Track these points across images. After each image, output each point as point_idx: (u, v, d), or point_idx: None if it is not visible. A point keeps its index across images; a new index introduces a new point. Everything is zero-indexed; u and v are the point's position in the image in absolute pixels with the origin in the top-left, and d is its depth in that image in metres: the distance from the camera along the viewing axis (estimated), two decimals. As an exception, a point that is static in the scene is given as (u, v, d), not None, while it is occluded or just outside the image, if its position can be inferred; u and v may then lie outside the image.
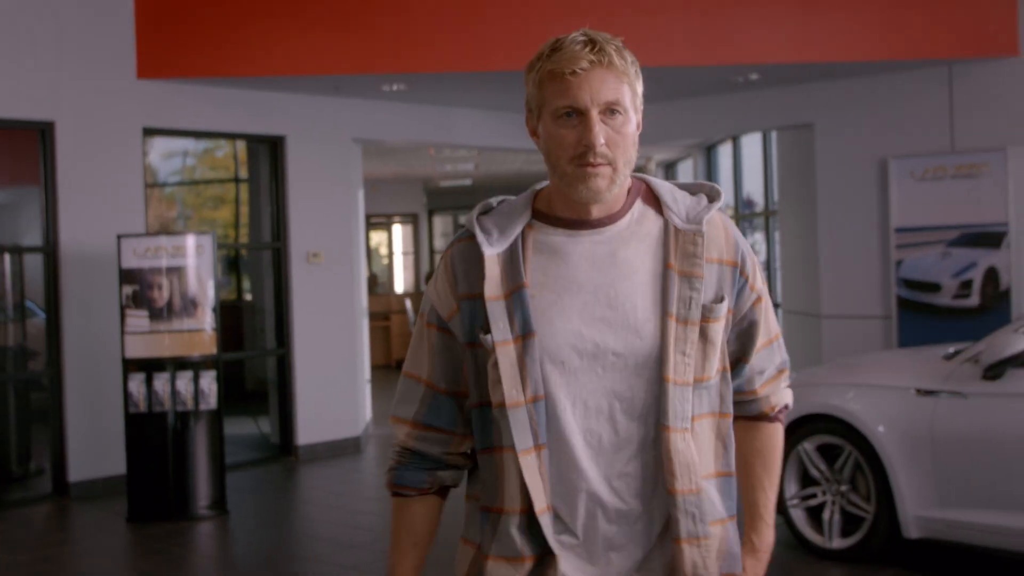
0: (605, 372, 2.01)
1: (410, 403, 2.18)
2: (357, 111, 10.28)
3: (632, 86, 2.00)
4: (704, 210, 2.09)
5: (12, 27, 8.21)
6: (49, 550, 7.31)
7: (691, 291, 2.03)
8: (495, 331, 2.01)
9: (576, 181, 1.99)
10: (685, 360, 2.01)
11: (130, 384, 7.69)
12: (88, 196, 8.61)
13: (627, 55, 2.01)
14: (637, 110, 2.04)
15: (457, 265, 2.11)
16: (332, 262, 10.16)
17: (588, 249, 2.06)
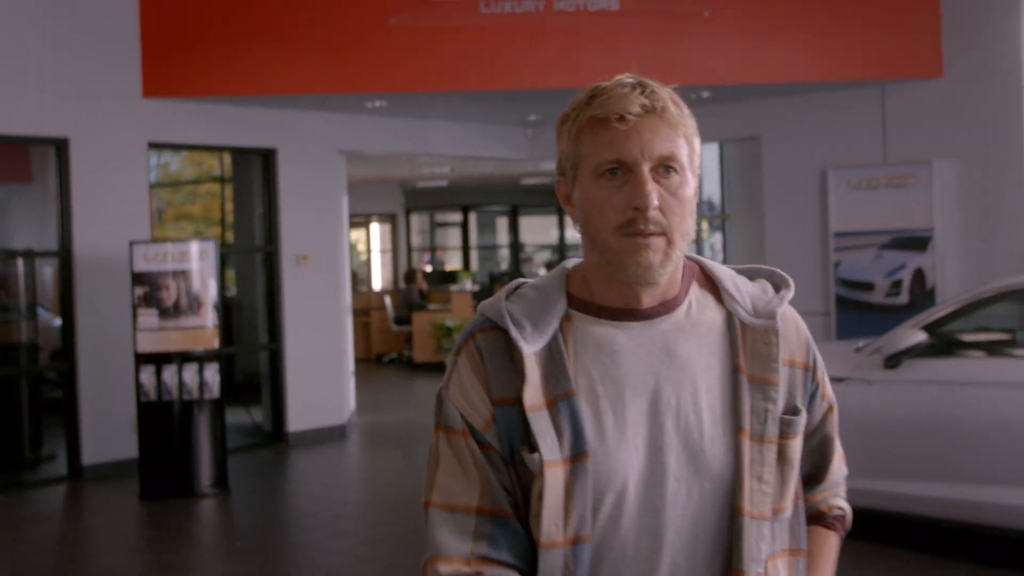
0: (664, 503, 1.63)
1: (460, 537, 1.64)
2: (342, 125, 11.16)
3: (690, 142, 1.66)
4: (776, 301, 1.74)
5: (31, 52, 9.04)
6: (71, 523, 8.22)
7: (766, 401, 1.68)
8: (544, 448, 1.61)
9: (623, 256, 1.62)
10: (762, 487, 1.66)
11: (141, 375, 8.56)
12: (98, 205, 9.46)
13: (683, 106, 1.67)
14: (695, 172, 1.67)
15: (487, 361, 1.68)
16: (319, 264, 11.05)
17: (642, 345, 1.68)
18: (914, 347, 6.37)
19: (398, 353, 18.39)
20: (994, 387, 6.08)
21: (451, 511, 1.66)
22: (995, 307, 6.67)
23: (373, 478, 10.02)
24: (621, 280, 1.66)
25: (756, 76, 10.11)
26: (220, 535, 7.98)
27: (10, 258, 10.30)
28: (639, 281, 1.64)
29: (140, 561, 7.25)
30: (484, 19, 9.60)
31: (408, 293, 18.27)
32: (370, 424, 11.99)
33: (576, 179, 1.68)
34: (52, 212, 9.51)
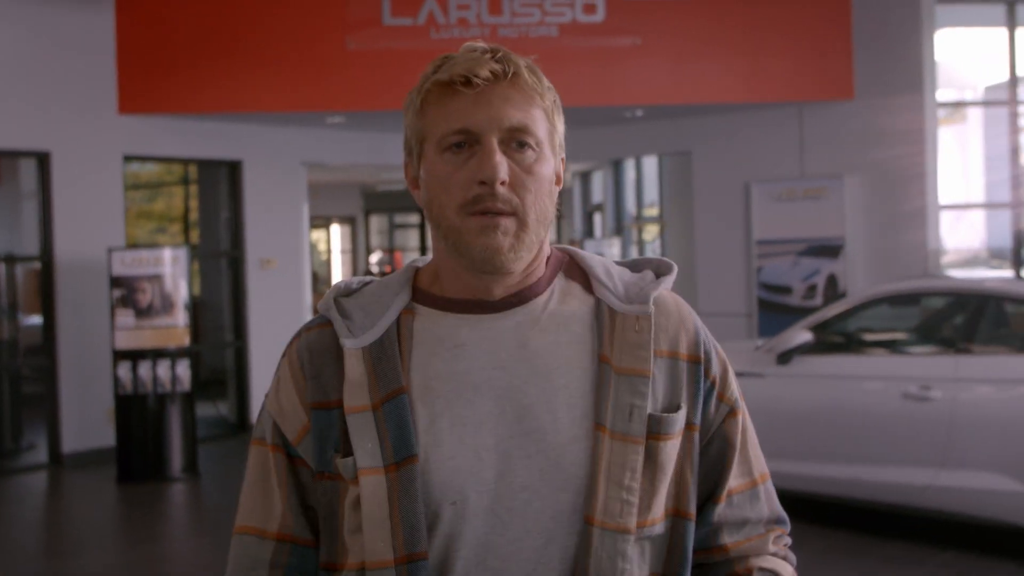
0: (512, 516, 1.44)
1: (254, 570, 1.53)
2: (304, 138, 12.01)
3: (550, 117, 1.52)
4: (652, 285, 1.55)
5: (15, 72, 9.81)
6: (54, 504, 9.07)
7: (633, 395, 1.47)
8: (359, 454, 1.45)
9: (468, 237, 1.45)
10: (623, 495, 1.45)
11: (119, 370, 9.38)
12: (77, 213, 10.25)
13: (542, 77, 1.53)
14: (555, 151, 1.53)
15: (307, 362, 1.53)
16: (282, 266, 11.89)
17: (490, 339, 1.50)
18: (801, 345, 7.31)
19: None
20: (865, 380, 7.05)
21: (251, 535, 1.54)
22: (874, 310, 7.64)
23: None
24: (467, 267, 1.48)
25: (685, 97, 11.04)
26: (190, 514, 8.83)
27: (-8, 262, 11.08)
28: (486, 267, 1.46)
29: (119, 536, 8.10)
30: (434, 43, 10.47)
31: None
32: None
33: (422, 156, 1.51)
34: (21, 215, 10.26)
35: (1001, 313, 7.12)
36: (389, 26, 10.46)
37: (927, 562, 6.47)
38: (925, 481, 6.59)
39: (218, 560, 7.19)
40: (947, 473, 6.53)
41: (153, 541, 7.86)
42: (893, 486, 6.77)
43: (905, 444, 6.73)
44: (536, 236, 1.48)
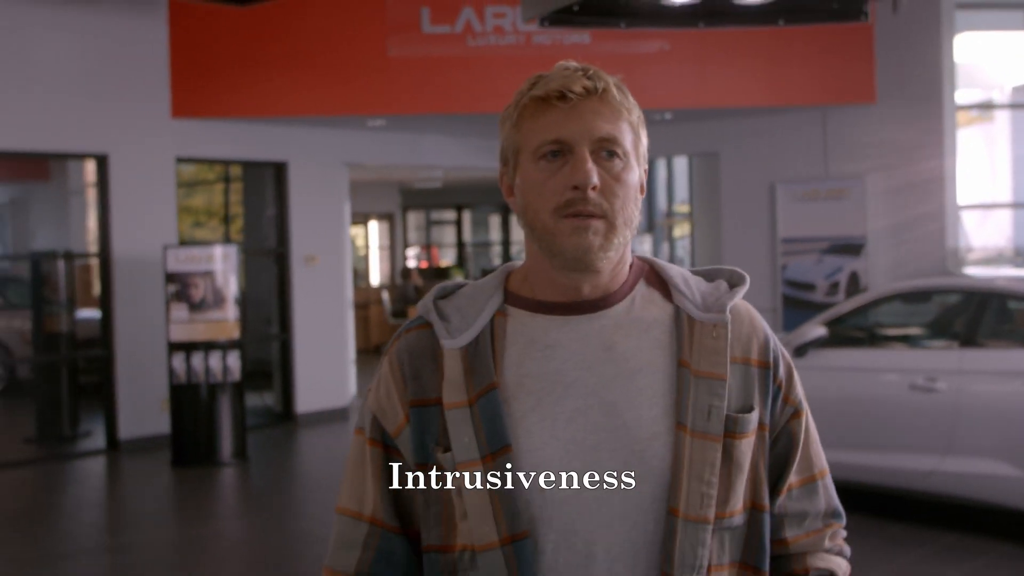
0: (598, 503, 1.55)
1: (350, 549, 1.68)
2: (346, 140, 12.54)
3: (635, 129, 1.64)
4: (727, 295, 1.67)
5: (76, 79, 10.38)
6: (113, 486, 9.66)
7: (711, 397, 1.59)
8: (457, 447, 1.57)
9: (560, 238, 1.57)
10: (703, 488, 1.57)
11: (173, 361, 9.95)
12: (133, 212, 10.82)
13: (628, 94, 1.66)
14: (640, 161, 1.65)
15: (406, 363, 1.65)
16: (324, 263, 12.43)
17: (578, 339, 1.63)
18: (816, 340, 7.75)
19: (395, 344, 19.72)
20: (875, 372, 7.49)
21: (348, 517, 1.68)
22: (891, 306, 8.07)
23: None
24: (559, 267, 1.60)
25: (711, 101, 11.48)
26: (240, 496, 9.38)
27: (52, 259, 11.70)
28: (578, 266, 1.58)
29: (173, 516, 8.66)
30: (471, 51, 10.97)
31: (404, 288, 19.62)
32: (369, 407, 13.38)
33: (517, 166, 1.63)
34: (67, 209, 10.81)
35: (1006, 310, 7.53)
36: (428, 34, 10.96)
37: (931, 543, 6.91)
38: (930, 467, 7.03)
39: (264, 538, 7.74)
40: (951, 459, 6.96)
41: (205, 520, 8.42)
42: (900, 471, 7.21)
43: (912, 432, 7.17)
44: (623, 239, 1.60)
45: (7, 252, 16.28)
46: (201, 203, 15.84)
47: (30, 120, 10.09)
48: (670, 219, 16.86)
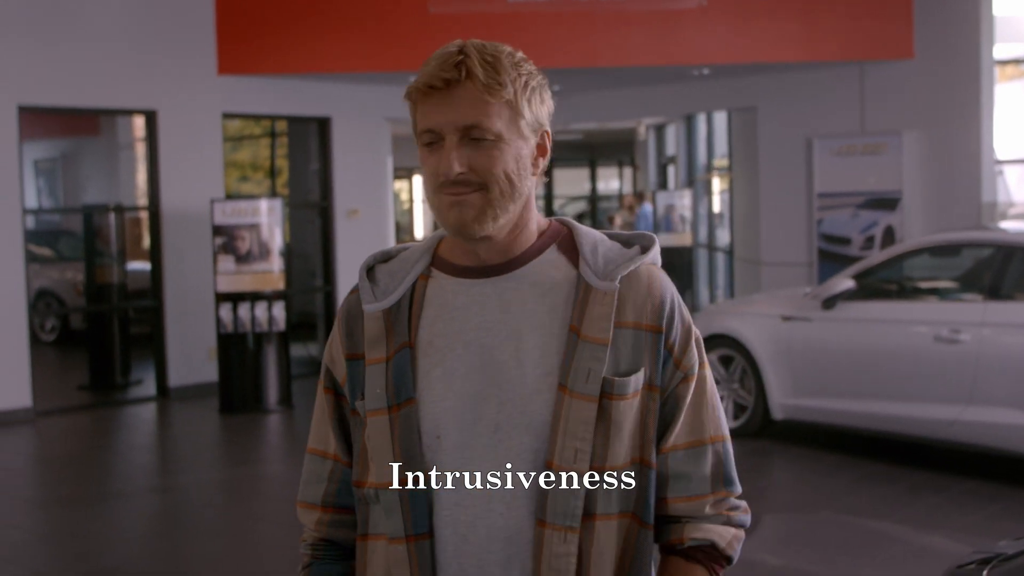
0: (484, 452, 1.72)
1: (318, 483, 1.88)
2: (388, 96, 12.76)
3: (514, 104, 1.69)
4: (625, 263, 1.76)
5: (126, 37, 10.66)
6: (164, 431, 10.04)
7: (592, 360, 1.70)
8: (369, 398, 1.76)
9: (442, 213, 1.72)
10: (577, 444, 1.69)
11: (221, 311, 10.27)
12: (181, 167, 11.12)
13: (504, 70, 1.69)
14: (524, 134, 1.72)
15: (344, 321, 1.85)
16: (367, 216, 12.70)
17: (478, 301, 1.77)
18: (844, 292, 7.92)
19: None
20: (901, 324, 7.66)
21: (315, 455, 1.89)
22: (917, 259, 8.22)
23: (413, 401, 11.72)
24: (451, 236, 1.77)
25: (749, 56, 11.58)
26: (285, 441, 9.72)
27: (104, 212, 12.05)
28: (460, 235, 1.73)
29: (222, 459, 9.02)
30: (509, 7, 11.14)
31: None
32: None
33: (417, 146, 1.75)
34: (116, 164, 11.08)
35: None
36: (468, -10, 11.13)
37: (951, 488, 7.10)
38: (952, 416, 7.20)
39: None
40: (973, 409, 7.14)
41: (253, 463, 8.76)
42: (923, 421, 7.39)
43: (935, 383, 7.34)
44: (504, 209, 1.71)
45: (58, 206, 16.65)
46: (246, 157, 16.14)
47: (82, 77, 10.39)
48: (709, 174, 16.96)
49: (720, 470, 1.80)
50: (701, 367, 1.81)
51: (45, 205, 16.19)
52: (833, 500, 7.04)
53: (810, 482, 7.58)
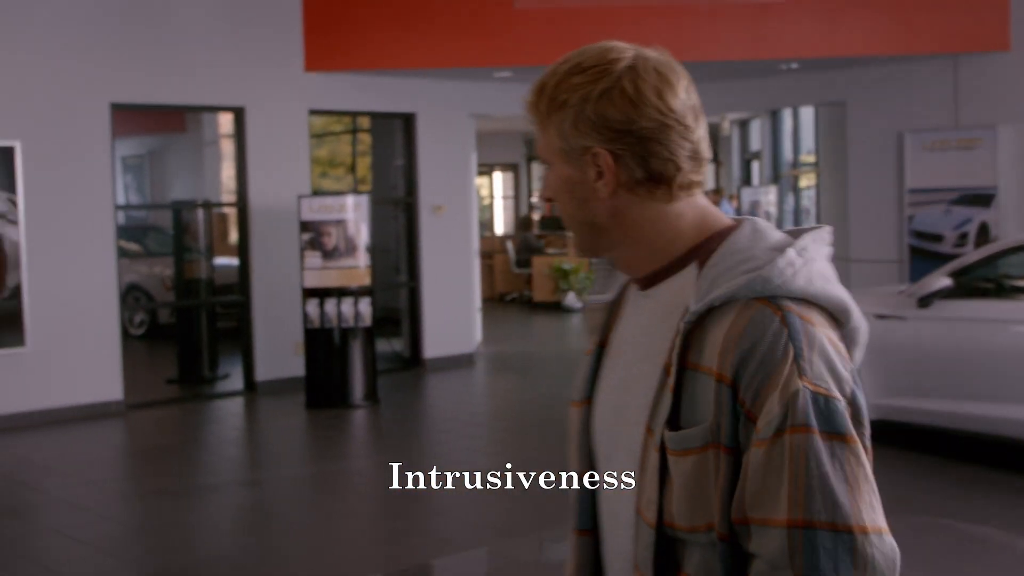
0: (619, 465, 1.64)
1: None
2: (472, 92, 12.76)
3: (558, 128, 1.59)
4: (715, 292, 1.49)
5: (216, 35, 10.77)
6: (252, 425, 10.13)
7: (665, 404, 1.52)
8: (572, 388, 1.73)
9: None
10: (648, 492, 1.53)
11: (307, 307, 10.34)
12: (268, 163, 11.21)
13: (547, 94, 1.61)
14: (567, 157, 1.59)
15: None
16: (451, 212, 12.71)
17: (633, 314, 1.69)
18: (941, 290, 7.75)
19: (518, 293, 20.01)
20: (1000, 323, 7.46)
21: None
22: (1014, 257, 8.01)
23: (496, 396, 11.74)
24: None
25: (837, 50, 11.39)
26: (371, 436, 9.75)
27: (192, 208, 12.19)
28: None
29: (309, 453, 9.07)
30: (598, 1, 11.07)
31: (527, 238, 19.86)
32: (494, 353, 13.69)
33: None
34: (202, 160, 11.21)
35: None
36: (554, -15, 11.08)
37: (1054, 493, 6.91)
38: (1055, 418, 7.01)
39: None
40: (1077, 411, 6.94)
41: (339, 458, 8.81)
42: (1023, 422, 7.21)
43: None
44: (577, 231, 1.64)
45: (145, 202, 16.91)
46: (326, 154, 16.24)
47: (172, 75, 10.51)
48: (795, 170, 16.74)
49: (799, 561, 1.39)
50: (793, 431, 1.41)
51: (132, 201, 16.44)
52: (933, 504, 6.89)
53: (908, 485, 7.42)
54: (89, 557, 6.24)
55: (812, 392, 1.42)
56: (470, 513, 6.99)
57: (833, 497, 1.40)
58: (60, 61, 9.89)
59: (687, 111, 1.57)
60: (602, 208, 1.59)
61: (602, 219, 1.60)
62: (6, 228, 9.61)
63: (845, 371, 1.46)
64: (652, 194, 1.58)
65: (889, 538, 1.44)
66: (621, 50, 1.59)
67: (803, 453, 1.41)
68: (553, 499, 7.16)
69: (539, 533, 6.58)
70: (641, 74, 1.56)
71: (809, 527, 1.39)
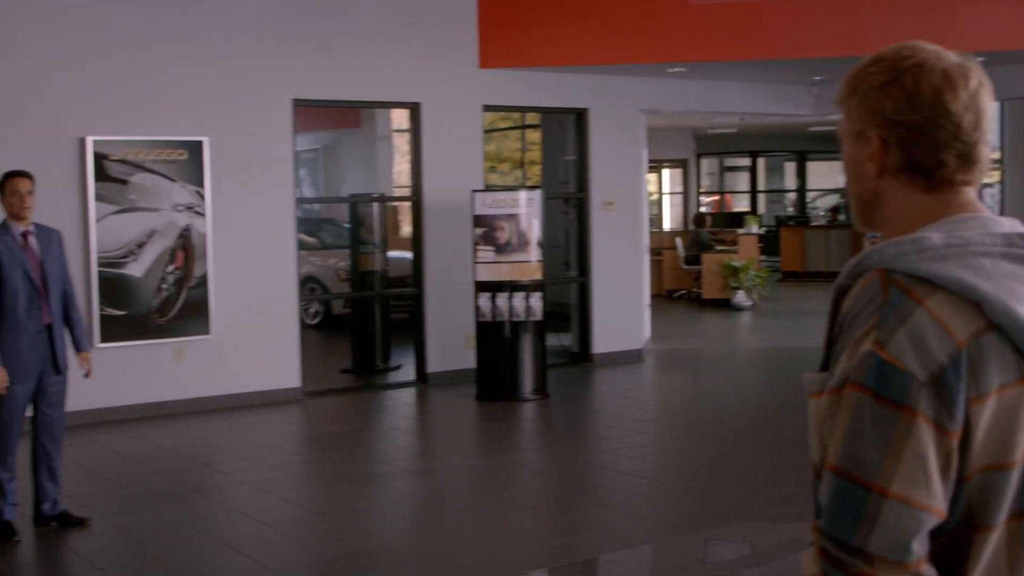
0: None
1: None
2: (644, 87, 12.73)
3: (848, 110, 1.75)
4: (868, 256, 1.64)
5: (392, 33, 11.01)
6: (424, 415, 10.35)
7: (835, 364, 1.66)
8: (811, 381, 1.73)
9: None
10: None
11: (480, 300, 10.49)
12: (442, 158, 11.41)
13: (848, 80, 1.75)
14: (851, 137, 1.75)
15: None
16: (621, 208, 12.71)
17: None
18: None
19: (687, 290, 19.88)
20: None
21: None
22: None
23: (666, 393, 11.70)
24: None
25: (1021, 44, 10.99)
26: (541, 429, 9.84)
27: (367, 201, 12.48)
28: None
29: (479, 444, 9.21)
30: (772, -4, 10.92)
31: (698, 235, 19.70)
32: (662, 350, 13.64)
33: None
34: (375, 154, 11.44)
35: None
36: (729, -20, 10.97)
37: None
38: None
39: (563, 469, 8.13)
40: None
41: (509, 450, 8.92)
42: None
43: None
44: (854, 207, 1.78)
45: (318, 195, 17.40)
46: (492, 149, 16.46)
47: (351, 72, 10.80)
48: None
49: (825, 502, 1.57)
50: (851, 386, 1.56)
51: (305, 195, 16.93)
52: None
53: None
54: (271, 538, 6.47)
55: (879, 357, 1.54)
56: (639, 508, 7.00)
57: (863, 453, 1.53)
58: (245, 60, 10.26)
59: (965, 113, 1.66)
60: (870, 187, 1.75)
61: (869, 197, 1.76)
62: (194, 220, 10.02)
63: (941, 353, 1.52)
64: (911, 183, 1.71)
65: (920, 513, 1.51)
66: (918, 50, 1.71)
67: (852, 407, 1.55)
68: (719, 498, 7.13)
69: (706, 532, 6.55)
70: (925, 73, 1.67)
71: (838, 473, 1.55)
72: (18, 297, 6.35)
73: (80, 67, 9.56)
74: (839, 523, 1.54)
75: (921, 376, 1.52)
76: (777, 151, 27.21)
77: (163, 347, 9.94)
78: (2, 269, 6.33)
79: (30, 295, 6.38)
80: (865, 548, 1.51)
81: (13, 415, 6.41)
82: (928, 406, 1.51)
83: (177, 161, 9.91)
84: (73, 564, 6.28)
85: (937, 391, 1.52)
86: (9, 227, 6.44)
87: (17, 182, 6.46)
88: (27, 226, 6.47)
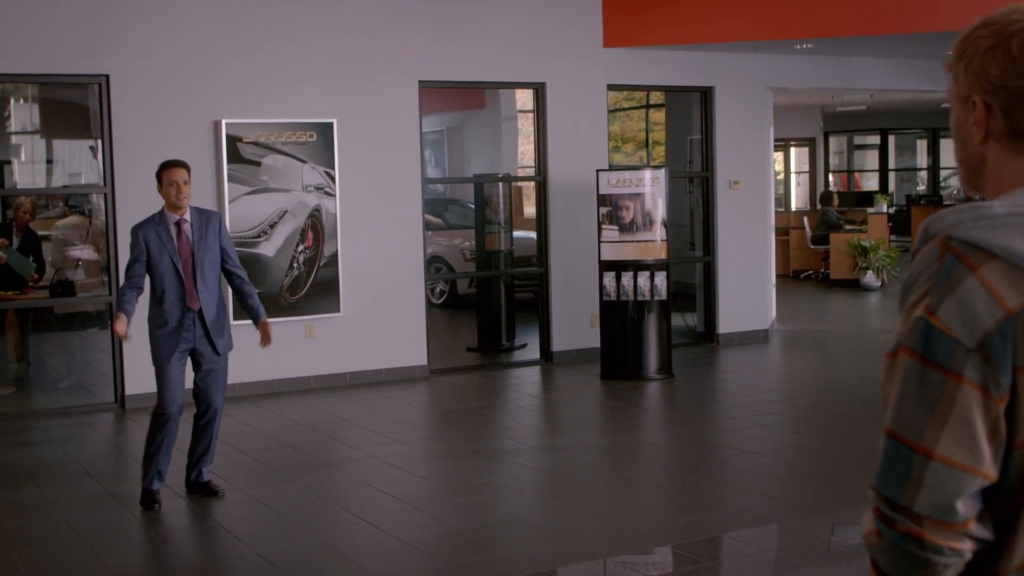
0: None
1: None
2: (771, 65, 12.58)
3: (956, 74, 1.70)
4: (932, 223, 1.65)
5: (518, 15, 11.07)
6: (550, 393, 10.45)
7: None
8: None
9: None
10: None
11: (604, 280, 10.51)
12: (566, 138, 11.44)
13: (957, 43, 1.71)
14: (958, 101, 1.72)
15: None
16: (748, 187, 12.59)
17: None
18: None
19: (814, 270, 19.59)
20: None
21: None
22: None
23: (793, 374, 11.58)
24: None
25: None
26: (666, 409, 9.83)
27: (493, 181, 12.58)
28: None
29: (604, 423, 9.25)
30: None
31: (825, 213, 19.39)
32: (789, 331, 13.50)
33: None
34: (499, 135, 11.48)
35: None
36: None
37: None
38: None
39: (688, 447, 8.12)
40: None
41: (634, 428, 8.93)
42: None
43: None
44: (962, 173, 1.76)
45: (443, 176, 17.56)
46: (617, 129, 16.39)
47: (476, 53, 10.89)
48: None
49: (880, 463, 1.61)
50: (903, 350, 1.59)
51: (429, 175, 17.10)
52: None
53: None
54: (400, 511, 6.60)
55: (928, 323, 1.56)
56: (764, 488, 6.97)
57: (910, 415, 1.57)
58: (373, 43, 10.43)
59: None
60: (975, 151, 1.71)
61: (974, 161, 1.73)
62: (324, 200, 10.23)
63: (989, 319, 1.53)
64: (1014, 148, 1.67)
65: (964, 475, 1.53)
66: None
67: (903, 370, 1.59)
68: (845, 480, 7.05)
69: (833, 513, 6.49)
70: None
71: (889, 435, 1.59)
72: (165, 284, 6.59)
73: (214, 52, 9.84)
74: (889, 483, 1.58)
75: (968, 342, 1.53)
76: (908, 128, 26.58)
77: (294, 325, 10.19)
78: (150, 257, 6.57)
79: (177, 283, 6.61)
80: (912, 507, 1.55)
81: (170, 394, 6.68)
82: (975, 371, 1.53)
83: (307, 143, 10.12)
84: (212, 530, 6.51)
85: (984, 356, 1.53)
86: (165, 216, 6.66)
87: (174, 172, 6.67)
88: (182, 215, 6.68)
